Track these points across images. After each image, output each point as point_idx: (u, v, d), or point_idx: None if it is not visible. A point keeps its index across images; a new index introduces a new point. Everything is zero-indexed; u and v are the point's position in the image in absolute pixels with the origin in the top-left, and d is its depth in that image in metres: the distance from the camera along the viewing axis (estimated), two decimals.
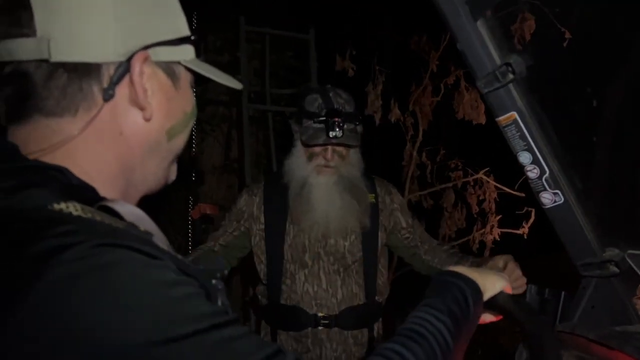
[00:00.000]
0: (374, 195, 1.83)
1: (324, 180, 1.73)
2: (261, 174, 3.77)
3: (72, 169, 0.63)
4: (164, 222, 3.68)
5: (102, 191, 0.65)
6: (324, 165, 1.73)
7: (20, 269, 0.51)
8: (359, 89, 3.38)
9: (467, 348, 0.81)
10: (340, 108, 1.69)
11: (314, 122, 1.69)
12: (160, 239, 0.62)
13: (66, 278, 0.50)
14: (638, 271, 1.15)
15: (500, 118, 1.21)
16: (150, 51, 0.67)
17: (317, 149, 1.73)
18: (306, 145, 1.74)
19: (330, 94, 1.72)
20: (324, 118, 1.66)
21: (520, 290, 1.41)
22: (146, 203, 0.76)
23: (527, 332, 0.81)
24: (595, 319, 1.20)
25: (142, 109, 0.67)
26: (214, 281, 0.67)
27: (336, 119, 1.65)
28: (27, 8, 0.61)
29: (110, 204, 0.61)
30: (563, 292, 1.23)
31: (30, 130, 0.64)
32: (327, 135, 1.65)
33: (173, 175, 0.79)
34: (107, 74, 0.64)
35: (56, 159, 0.63)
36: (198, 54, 0.73)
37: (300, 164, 1.77)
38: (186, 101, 0.74)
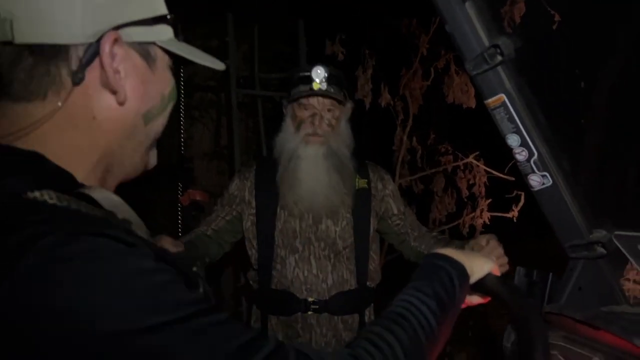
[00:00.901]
0: (366, 180, 1.82)
1: (312, 152, 1.73)
2: (251, 160, 3.75)
3: (46, 155, 0.62)
4: (153, 209, 3.66)
5: (79, 177, 0.63)
6: (312, 134, 1.73)
7: None
8: (348, 73, 3.36)
9: (457, 330, 0.82)
10: (327, 69, 1.72)
11: (300, 80, 1.73)
12: (138, 227, 0.61)
13: (42, 267, 0.49)
14: (625, 252, 1.16)
15: (489, 100, 1.21)
16: (122, 31, 0.64)
17: (305, 115, 1.73)
18: (292, 100, 1.75)
19: (318, 64, 1.75)
20: (308, 73, 1.71)
21: (502, 269, 1.43)
22: (135, 190, 0.74)
23: (515, 314, 0.81)
24: (582, 300, 1.21)
25: (114, 92, 0.65)
26: (194, 269, 0.66)
27: (319, 68, 1.70)
28: None
29: (87, 191, 0.60)
30: (551, 274, 1.24)
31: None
32: (312, 87, 1.69)
33: (153, 161, 0.77)
34: (75, 56, 0.62)
35: (28, 144, 0.61)
36: (177, 34, 0.70)
37: (289, 136, 1.77)
38: (163, 83, 0.72)
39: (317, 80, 1.70)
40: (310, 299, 1.73)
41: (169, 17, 0.68)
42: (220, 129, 3.90)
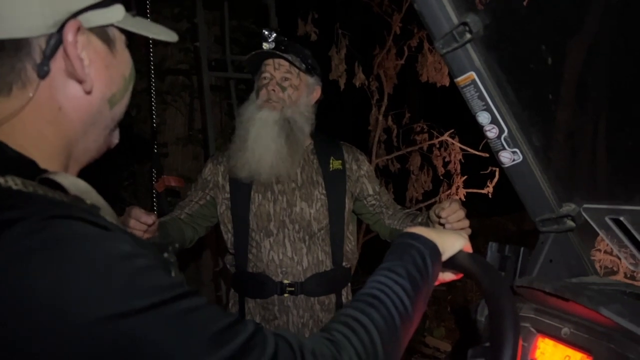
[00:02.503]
0: (340, 161, 1.82)
1: (264, 116, 1.71)
2: (227, 143, 3.71)
3: (8, 144, 0.60)
4: (128, 196, 3.60)
5: (42, 164, 0.62)
6: (266, 100, 1.72)
7: None
8: (322, 53, 3.34)
9: (436, 306, 0.83)
10: (279, 34, 1.70)
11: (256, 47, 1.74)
12: (107, 212, 0.60)
13: (18, 254, 0.48)
14: (593, 224, 1.19)
15: (459, 79, 1.21)
16: (81, 17, 0.62)
17: (263, 82, 1.73)
18: (248, 62, 1.76)
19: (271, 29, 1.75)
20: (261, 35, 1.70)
21: (459, 226, 1.50)
22: (107, 177, 0.73)
23: (485, 289, 0.82)
24: (553, 273, 1.24)
25: (80, 81, 0.64)
26: (165, 254, 0.66)
27: (269, 30, 1.69)
28: None
29: (52, 177, 0.58)
30: (522, 249, 1.27)
31: None
32: (261, 47, 1.68)
33: (115, 140, 0.76)
34: (38, 49, 0.60)
35: None
36: (128, 9, 0.69)
37: (249, 104, 1.78)
38: (124, 65, 0.71)
39: (268, 40, 1.68)
40: (285, 282, 1.73)
41: None
42: (193, 112, 3.85)
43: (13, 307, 0.48)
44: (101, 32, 0.66)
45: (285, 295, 1.73)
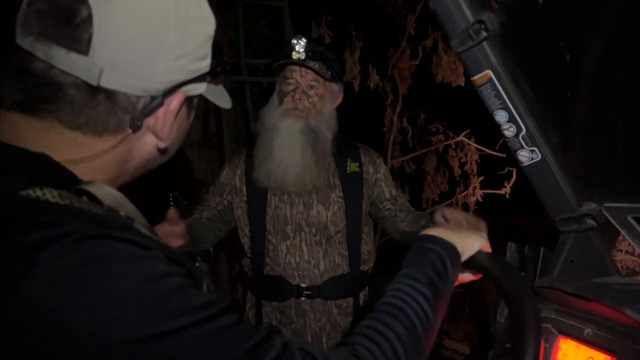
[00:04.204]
0: (358, 164, 1.81)
1: (289, 124, 1.69)
2: (242, 147, 3.73)
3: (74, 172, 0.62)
4: (144, 201, 3.63)
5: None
6: (292, 108, 1.70)
7: (3, 264, 0.49)
8: (336, 55, 3.34)
9: (454, 308, 0.82)
10: (309, 41, 1.68)
11: (282, 51, 1.72)
12: (140, 222, 0.61)
13: (55, 274, 0.49)
14: (614, 223, 1.16)
15: (475, 77, 1.20)
16: (185, 88, 0.67)
17: (288, 89, 1.71)
18: (276, 73, 1.74)
19: (301, 35, 1.73)
20: (290, 43, 1.68)
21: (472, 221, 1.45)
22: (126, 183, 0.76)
23: (506, 289, 0.81)
24: (573, 273, 1.22)
25: (161, 140, 0.68)
26: (197, 264, 0.67)
27: (300, 38, 1.66)
28: (88, 25, 0.58)
29: (87, 187, 0.59)
30: (542, 249, 1.25)
31: (39, 128, 0.61)
32: (291, 56, 1.66)
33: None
34: (142, 105, 0.64)
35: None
36: (213, 79, 0.73)
37: (271, 109, 1.76)
38: (188, 126, 0.75)
39: (297, 49, 1.66)
40: (302, 285, 1.73)
41: (218, 69, 0.71)
42: (208, 117, 3.87)
43: (47, 327, 0.49)
44: (190, 100, 0.71)
45: (302, 298, 1.73)
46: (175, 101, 0.66)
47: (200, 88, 0.70)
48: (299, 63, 1.67)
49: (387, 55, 3.85)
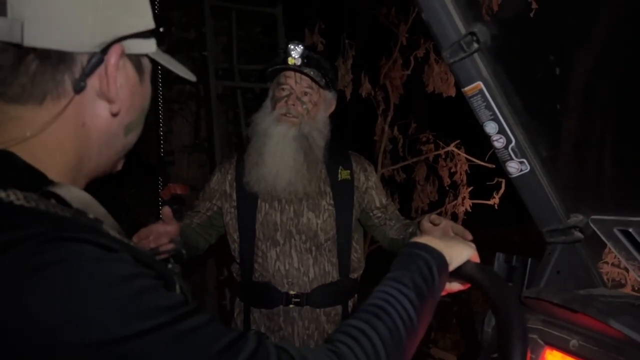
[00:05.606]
0: (349, 171, 1.81)
1: (282, 131, 1.69)
2: (233, 152, 3.72)
3: (23, 155, 0.60)
4: (133, 205, 3.61)
5: (51, 176, 0.62)
6: (285, 114, 1.70)
7: None
8: (329, 63, 3.35)
9: (442, 317, 0.82)
10: (305, 48, 1.68)
11: (277, 57, 1.71)
12: (110, 225, 0.60)
13: (17, 277, 0.48)
14: (601, 235, 1.18)
15: (466, 88, 1.21)
16: (124, 43, 0.65)
17: (282, 94, 1.70)
18: (271, 79, 1.73)
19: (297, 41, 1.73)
20: (286, 48, 1.67)
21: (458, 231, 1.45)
22: (114, 186, 0.74)
23: (493, 299, 0.81)
24: (560, 284, 1.22)
25: (111, 102, 0.66)
26: (170, 265, 0.66)
27: (296, 44, 1.65)
28: None
29: (55, 190, 0.58)
30: (530, 259, 1.26)
31: None
32: (287, 61, 1.65)
33: (119, 167, 0.78)
34: (80, 65, 0.62)
35: (5, 144, 0.60)
36: (160, 45, 0.71)
37: (264, 115, 1.75)
38: (145, 96, 0.73)
39: (293, 55, 1.65)
40: (291, 292, 1.72)
41: (161, 30, 0.69)
42: (200, 121, 3.87)
43: (9, 331, 0.48)
44: (136, 60, 0.69)
45: (291, 306, 1.72)
46: (114, 55, 0.63)
47: (143, 47, 0.68)
48: (295, 69, 1.67)
49: (379, 65, 3.87)
